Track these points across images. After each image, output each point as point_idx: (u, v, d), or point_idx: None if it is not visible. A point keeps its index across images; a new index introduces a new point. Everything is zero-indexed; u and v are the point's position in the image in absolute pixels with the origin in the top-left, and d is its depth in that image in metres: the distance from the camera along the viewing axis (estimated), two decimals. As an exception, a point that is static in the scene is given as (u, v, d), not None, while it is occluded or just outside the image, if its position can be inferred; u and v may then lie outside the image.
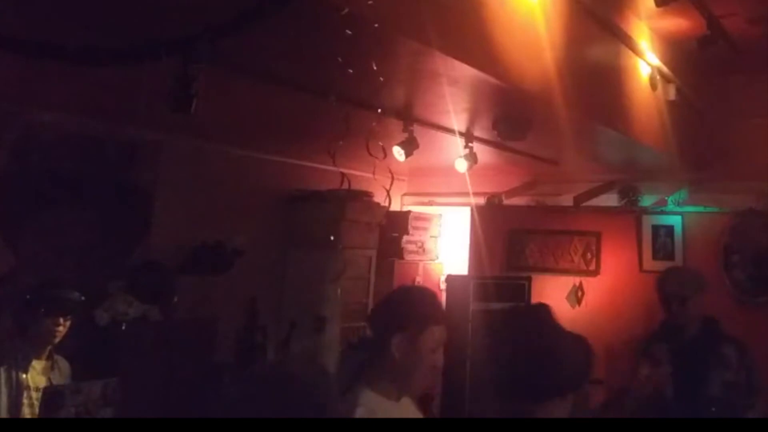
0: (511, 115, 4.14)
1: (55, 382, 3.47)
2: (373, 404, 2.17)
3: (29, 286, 3.63)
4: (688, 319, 3.58)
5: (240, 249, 4.99)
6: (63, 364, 3.58)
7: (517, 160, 5.47)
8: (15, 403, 3.33)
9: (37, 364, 3.45)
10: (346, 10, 2.34)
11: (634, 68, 4.58)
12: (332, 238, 5.26)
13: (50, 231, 4.22)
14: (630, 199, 5.87)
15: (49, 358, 3.50)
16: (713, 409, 3.34)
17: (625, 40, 4.29)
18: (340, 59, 2.64)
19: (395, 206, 6.63)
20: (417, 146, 4.32)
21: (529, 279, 6.04)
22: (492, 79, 3.18)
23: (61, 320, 3.45)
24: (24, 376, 3.39)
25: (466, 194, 5.80)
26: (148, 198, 4.70)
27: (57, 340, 3.48)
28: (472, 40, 3.03)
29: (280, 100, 3.88)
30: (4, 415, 3.31)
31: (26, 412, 3.34)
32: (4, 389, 3.32)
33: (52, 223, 4.23)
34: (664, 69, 4.75)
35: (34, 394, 3.35)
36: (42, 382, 3.43)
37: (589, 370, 1.77)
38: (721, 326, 3.62)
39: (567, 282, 6.03)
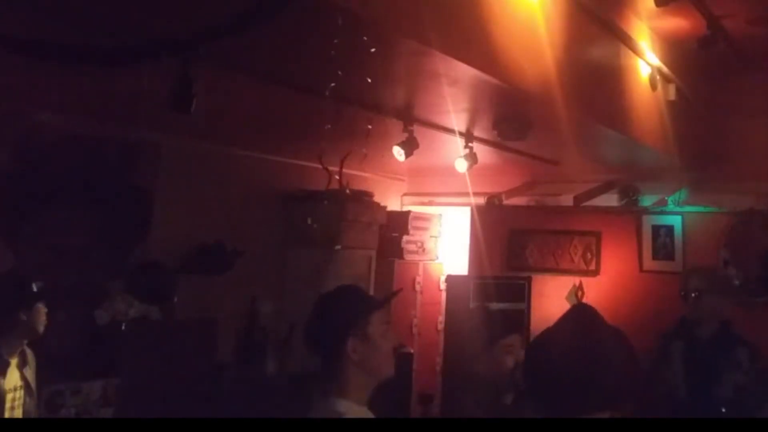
0: (511, 115, 4.14)
1: (27, 376, 3.38)
2: (352, 414, 2.18)
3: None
4: (703, 315, 3.64)
5: (240, 249, 4.99)
6: (30, 354, 3.45)
7: (517, 160, 5.47)
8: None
9: (12, 362, 3.34)
10: (346, 11, 2.34)
11: (634, 68, 4.57)
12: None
13: (50, 231, 4.21)
14: (630, 199, 5.87)
15: (21, 352, 3.39)
16: (724, 410, 3.38)
17: (625, 40, 4.28)
18: (340, 60, 2.64)
19: (395, 206, 6.63)
20: (417, 146, 4.32)
21: (529, 279, 6.05)
22: (492, 79, 3.18)
23: (22, 315, 3.31)
24: (2, 381, 3.25)
25: (466, 194, 5.80)
26: (148, 198, 4.69)
27: (27, 335, 3.35)
28: (472, 40, 3.03)
29: (279, 100, 3.87)
30: None
31: (16, 414, 3.26)
32: None
33: (52, 223, 4.23)
34: (664, 69, 4.75)
35: (17, 395, 3.27)
36: (17, 379, 3.34)
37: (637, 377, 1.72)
38: (735, 329, 3.69)
39: (567, 282, 6.03)
